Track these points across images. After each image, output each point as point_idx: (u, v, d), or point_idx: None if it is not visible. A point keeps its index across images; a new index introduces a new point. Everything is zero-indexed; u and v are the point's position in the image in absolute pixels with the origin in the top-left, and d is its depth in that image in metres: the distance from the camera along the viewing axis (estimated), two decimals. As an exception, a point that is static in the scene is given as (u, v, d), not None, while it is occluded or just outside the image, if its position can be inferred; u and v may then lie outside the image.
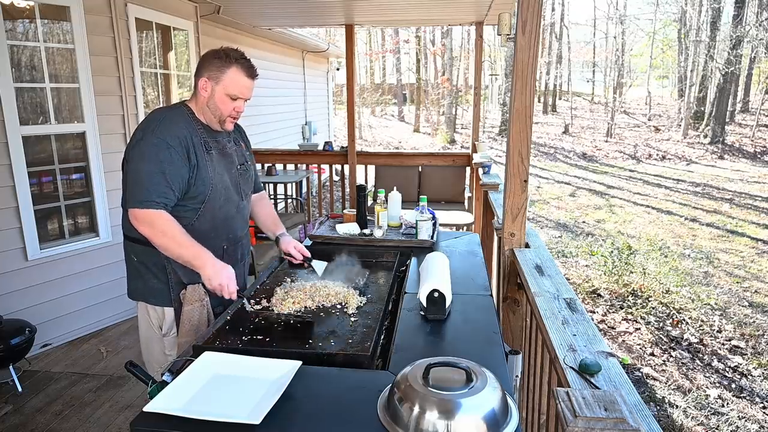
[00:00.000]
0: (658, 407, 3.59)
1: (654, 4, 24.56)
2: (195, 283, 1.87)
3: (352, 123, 6.11)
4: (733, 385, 3.89)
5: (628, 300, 5.27)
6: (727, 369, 4.12)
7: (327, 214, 2.96)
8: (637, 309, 5.06)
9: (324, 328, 1.66)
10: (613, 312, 5.07)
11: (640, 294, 5.37)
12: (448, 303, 1.70)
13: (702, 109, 19.10)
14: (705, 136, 17.50)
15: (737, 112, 21.01)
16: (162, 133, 1.79)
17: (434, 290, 1.67)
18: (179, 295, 1.89)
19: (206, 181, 1.86)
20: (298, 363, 1.36)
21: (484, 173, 4.23)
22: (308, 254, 2.12)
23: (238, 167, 2.03)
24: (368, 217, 2.73)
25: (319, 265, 2.06)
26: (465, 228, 4.99)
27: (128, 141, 1.88)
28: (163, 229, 1.75)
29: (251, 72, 1.89)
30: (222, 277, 1.76)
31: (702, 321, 4.89)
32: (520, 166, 2.17)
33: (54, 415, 2.91)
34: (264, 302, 1.83)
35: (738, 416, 3.51)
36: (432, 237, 2.49)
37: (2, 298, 3.36)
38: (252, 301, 1.84)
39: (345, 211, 2.83)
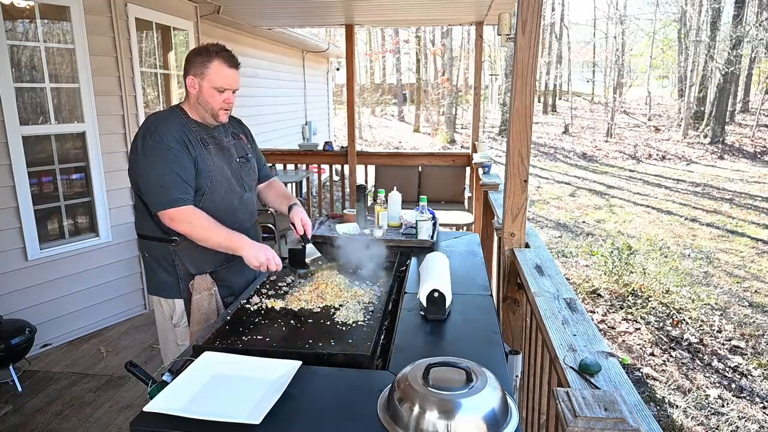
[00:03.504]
0: (658, 407, 3.59)
1: (654, 4, 24.57)
2: (203, 273, 1.95)
3: (352, 123, 6.11)
4: (733, 385, 3.89)
5: (628, 300, 5.27)
6: (727, 369, 4.12)
7: (327, 214, 2.96)
8: (637, 309, 5.06)
9: (324, 328, 1.66)
10: (613, 312, 5.07)
11: (640, 294, 5.37)
12: (448, 303, 1.70)
13: (702, 109, 19.10)
14: (705, 136, 17.50)
15: (737, 112, 21.01)
16: (159, 136, 1.84)
17: (434, 290, 1.67)
18: (188, 286, 1.95)
19: (205, 174, 1.90)
20: (298, 363, 1.36)
21: (484, 173, 4.23)
22: (309, 233, 2.11)
23: (238, 160, 2.07)
24: (368, 217, 2.73)
25: (311, 251, 2.07)
26: (465, 228, 4.99)
27: (129, 149, 1.95)
28: (201, 223, 1.83)
29: (233, 62, 1.92)
30: (261, 254, 1.84)
31: (702, 321, 4.89)
32: (520, 166, 2.17)
33: (54, 415, 2.91)
34: (268, 301, 1.84)
35: (738, 416, 3.51)
36: (432, 237, 2.49)
37: (2, 298, 3.36)
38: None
39: (345, 211, 2.83)
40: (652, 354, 4.31)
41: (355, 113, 6.38)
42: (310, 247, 2.07)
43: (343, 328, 1.65)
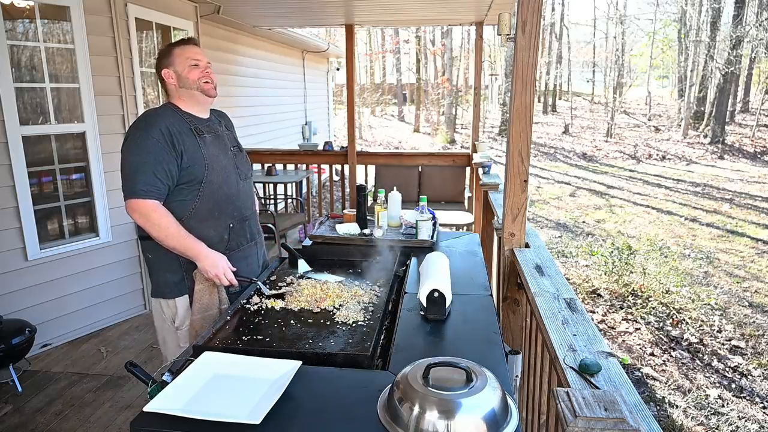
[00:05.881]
0: (658, 407, 3.59)
1: (654, 4, 24.56)
2: None
3: (352, 123, 6.11)
4: (733, 385, 3.89)
5: (628, 300, 5.27)
6: (727, 369, 4.12)
7: (327, 214, 2.96)
8: (637, 309, 5.06)
9: (324, 327, 1.66)
10: (613, 312, 5.07)
11: (640, 294, 5.37)
12: (448, 303, 1.70)
13: (702, 109, 19.09)
14: (705, 136, 17.50)
15: (737, 112, 21.01)
16: (145, 127, 1.89)
17: (434, 290, 1.67)
18: (192, 275, 1.94)
19: (201, 162, 1.93)
20: (298, 363, 1.36)
21: (484, 173, 4.23)
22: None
23: (232, 149, 2.12)
24: (368, 217, 2.73)
25: (303, 266, 2.13)
26: (465, 228, 4.99)
27: None
28: (160, 222, 1.84)
29: (188, 42, 2.06)
30: (218, 267, 1.87)
31: (702, 321, 4.89)
32: (520, 166, 2.17)
33: (54, 415, 2.91)
34: (268, 301, 1.84)
35: (738, 416, 3.51)
36: (432, 237, 2.49)
37: (2, 298, 3.36)
38: (267, 285, 1.93)
39: (345, 211, 2.83)
40: (652, 354, 4.31)
41: (355, 113, 6.37)
42: (301, 262, 2.14)
43: (343, 328, 1.65)
